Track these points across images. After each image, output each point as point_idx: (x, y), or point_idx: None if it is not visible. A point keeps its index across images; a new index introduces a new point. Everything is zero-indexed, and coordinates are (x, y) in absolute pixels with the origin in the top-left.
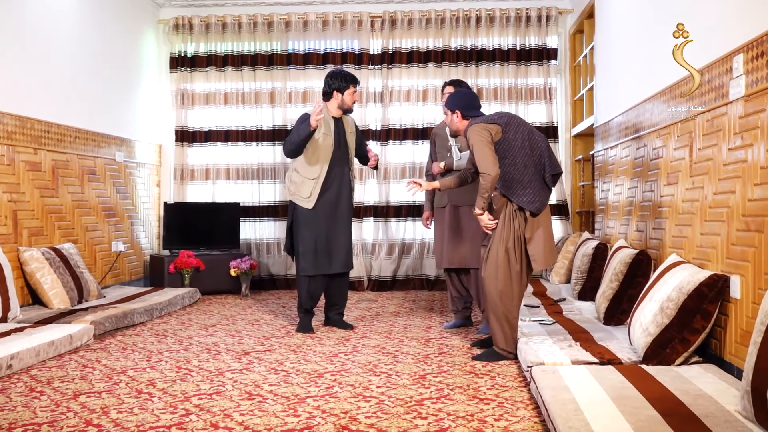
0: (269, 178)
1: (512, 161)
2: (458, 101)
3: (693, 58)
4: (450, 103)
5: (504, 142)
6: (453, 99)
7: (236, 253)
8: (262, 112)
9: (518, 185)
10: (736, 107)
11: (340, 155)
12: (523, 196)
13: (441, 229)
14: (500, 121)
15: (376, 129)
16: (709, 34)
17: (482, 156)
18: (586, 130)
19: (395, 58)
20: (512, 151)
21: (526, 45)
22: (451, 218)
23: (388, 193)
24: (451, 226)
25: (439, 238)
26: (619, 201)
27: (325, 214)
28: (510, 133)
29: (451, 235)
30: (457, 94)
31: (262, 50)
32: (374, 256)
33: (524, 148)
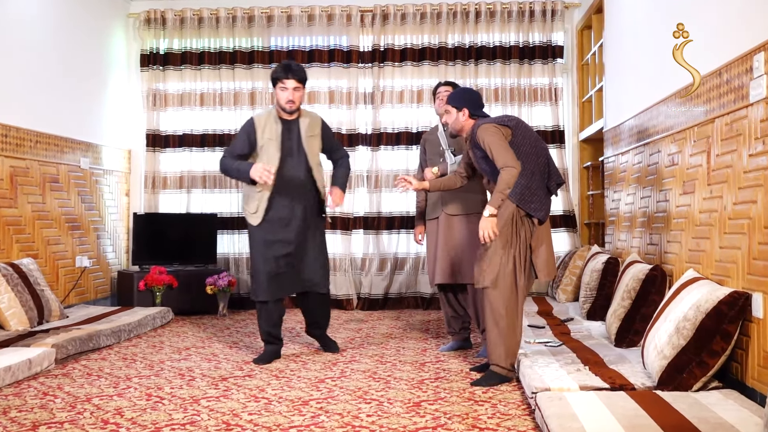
0: None
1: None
2: (467, 98)
3: (709, 56)
4: (457, 100)
5: (513, 146)
6: (461, 96)
7: (213, 269)
8: (242, 114)
9: (527, 191)
10: (757, 110)
11: (294, 164)
12: (531, 203)
13: (434, 242)
14: (510, 123)
15: (366, 133)
16: (727, 30)
17: (503, 151)
18: (594, 134)
19: (387, 56)
20: (521, 156)
21: (529, 42)
22: (445, 229)
23: (379, 203)
24: (444, 237)
25: (432, 252)
26: (631, 212)
27: (275, 231)
28: (518, 137)
29: (445, 247)
30: (465, 92)
31: (242, 47)
32: (364, 272)
33: (531, 154)
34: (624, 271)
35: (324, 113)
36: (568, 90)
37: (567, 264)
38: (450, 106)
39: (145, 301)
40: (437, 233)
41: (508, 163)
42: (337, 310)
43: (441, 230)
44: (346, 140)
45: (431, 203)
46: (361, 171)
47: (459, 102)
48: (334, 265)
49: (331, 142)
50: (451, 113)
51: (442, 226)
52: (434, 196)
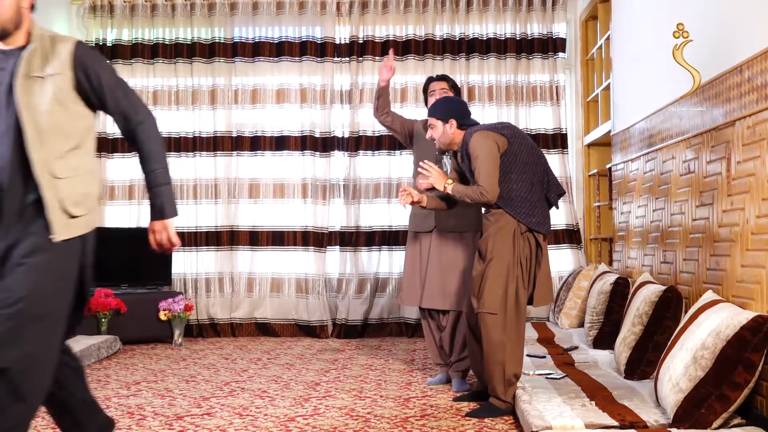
0: (209, 196)
1: (519, 177)
2: (453, 108)
3: (727, 51)
4: (440, 112)
5: (510, 155)
6: (445, 107)
7: (167, 292)
8: (201, 115)
9: (527, 204)
10: None
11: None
12: (533, 217)
13: (418, 260)
14: (506, 131)
15: (342, 136)
16: (750, 21)
17: (490, 170)
18: (601, 138)
19: (367, 49)
20: (518, 166)
21: (527, 33)
22: (438, 247)
23: (357, 216)
24: (437, 256)
25: (414, 270)
26: (642, 225)
27: None
28: (515, 146)
29: (437, 267)
30: (449, 101)
31: (201, 38)
32: (340, 295)
33: (529, 163)
34: (635, 293)
35: (294, 114)
36: (571, 88)
37: (570, 285)
38: (434, 120)
39: (89, 329)
40: (429, 250)
41: (488, 188)
42: (309, 339)
43: (433, 247)
44: (320, 144)
45: (422, 214)
46: (337, 179)
47: (443, 113)
48: (305, 286)
49: (106, 89)
50: (436, 127)
51: (434, 242)
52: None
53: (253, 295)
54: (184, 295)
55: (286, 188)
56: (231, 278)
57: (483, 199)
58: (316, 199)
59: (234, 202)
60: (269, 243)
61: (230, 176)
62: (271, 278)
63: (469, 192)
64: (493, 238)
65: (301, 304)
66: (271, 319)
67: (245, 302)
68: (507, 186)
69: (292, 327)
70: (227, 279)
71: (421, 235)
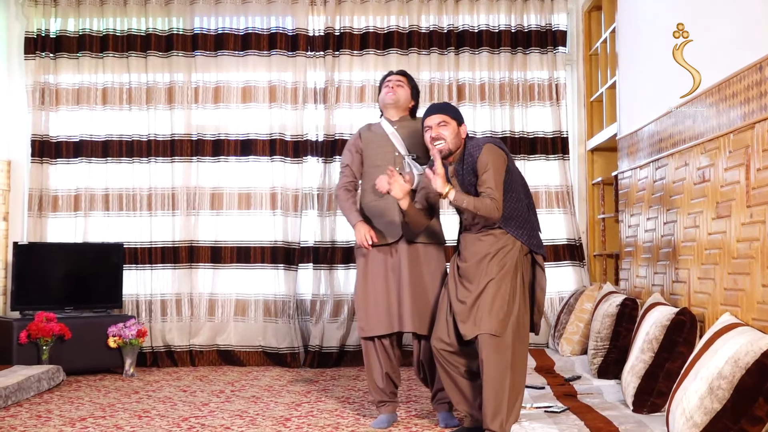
0: (166, 208)
1: (517, 196)
2: (458, 113)
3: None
4: (454, 112)
5: (510, 173)
6: (456, 110)
7: (117, 316)
8: (157, 115)
9: (527, 225)
10: None
11: None
12: (533, 238)
13: (383, 277)
14: (504, 147)
15: (316, 140)
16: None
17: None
18: (606, 142)
19: (344, 43)
20: (515, 185)
21: (524, 25)
22: (410, 260)
23: (333, 229)
24: (410, 270)
25: (381, 290)
26: (652, 240)
27: None
28: (510, 164)
29: (412, 283)
30: (454, 106)
31: (158, 29)
32: (314, 319)
33: (521, 182)
34: (644, 316)
35: (262, 115)
36: (573, 87)
37: (572, 307)
38: (448, 118)
39: (28, 358)
40: (399, 264)
41: (499, 204)
42: (279, 368)
43: (404, 261)
44: (291, 149)
45: (384, 222)
46: (310, 188)
47: (457, 115)
48: (274, 308)
49: None
50: (450, 126)
51: (404, 255)
52: (389, 213)
53: (214, 318)
54: (137, 319)
55: (253, 198)
56: (190, 300)
57: (493, 214)
58: (287, 210)
59: (194, 214)
60: (233, 260)
61: (189, 185)
62: (236, 300)
63: (480, 204)
64: (493, 261)
65: (269, 329)
66: (235, 346)
67: (206, 327)
68: (509, 206)
69: (259, 355)
70: (186, 301)
71: (384, 248)
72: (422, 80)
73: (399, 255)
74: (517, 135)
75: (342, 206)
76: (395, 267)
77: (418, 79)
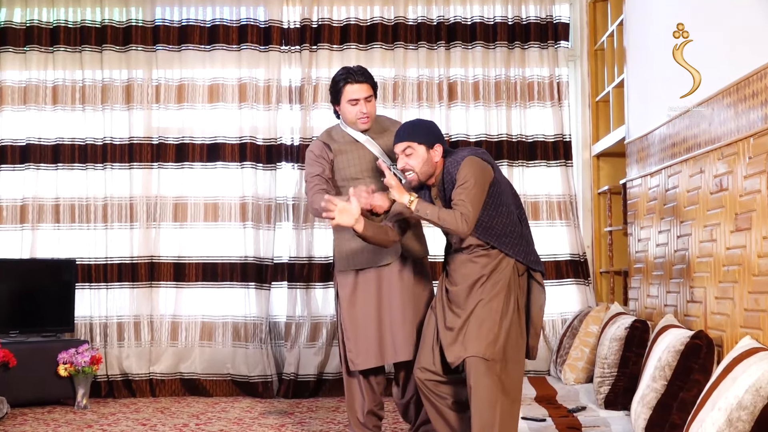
0: (123, 220)
1: (507, 210)
2: (435, 131)
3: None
4: (423, 134)
5: (496, 186)
6: (427, 128)
7: (69, 340)
8: (113, 116)
9: (521, 240)
10: None
11: None
12: (530, 255)
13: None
14: (490, 160)
15: (292, 144)
16: None
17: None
18: (613, 147)
19: (322, 36)
20: (504, 197)
21: (522, 17)
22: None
23: (310, 243)
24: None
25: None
26: (664, 256)
27: None
28: (497, 175)
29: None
30: (426, 124)
31: (114, 21)
32: (289, 344)
33: (510, 194)
34: (655, 340)
35: (232, 116)
36: (576, 85)
37: (576, 330)
38: (414, 144)
39: None
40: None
41: (469, 218)
42: (249, 399)
43: (394, 282)
44: (263, 154)
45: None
46: (284, 198)
47: (427, 136)
48: (244, 332)
49: None
50: (416, 154)
51: (395, 276)
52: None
53: (177, 343)
54: (91, 344)
55: (221, 209)
56: (150, 323)
57: (459, 228)
58: (259, 222)
59: (154, 227)
60: (199, 278)
61: (150, 194)
62: (201, 322)
63: (444, 214)
64: (486, 283)
65: (238, 355)
66: (200, 375)
67: (168, 353)
68: (500, 221)
69: (227, 384)
70: (145, 323)
71: (370, 272)
72: (409, 78)
73: (390, 276)
74: (514, 139)
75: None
76: (387, 290)
77: (404, 77)
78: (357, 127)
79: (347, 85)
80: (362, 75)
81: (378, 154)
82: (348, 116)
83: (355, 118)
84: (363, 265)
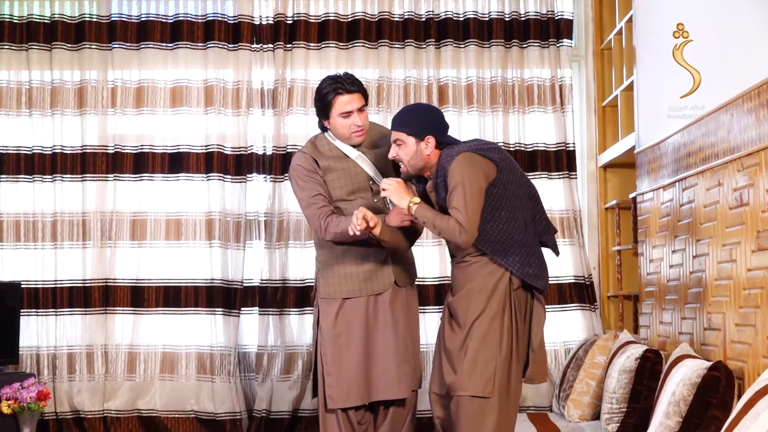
0: (75, 238)
1: (510, 215)
2: (430, 120)
3: None
4: (413, 124)
5: (498, 186)
6: (419, 117)
7: (12, 373)
8: (64, 122)
9: (520, 249)
10: None
11: None
12: (529, 267)
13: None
14: (494, 155)
15: (263, 153)
16: None
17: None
18: (622, 157)
19: (298, 33)
20: (509, 200)
21: (520, 12)
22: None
23: (284, 264)
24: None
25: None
26: (679, 278)
27: None
28: (505, 173)
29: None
30: (423, 109)
31: (66, 16)
32: (260, 377)
33: (521, 195)
34: (669, 372)
35: (197, 122)
36: (581, 88)
37: (581, 361)
38: (403, 135)
39: None
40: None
41: (468, 226)
42: None
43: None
44: (232, 165)
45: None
46: (255, 213)
47: (418, 126)
48: (210, 363)
49: None
50: (406, 145)
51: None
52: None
53: (135, 377)
54: (37, 377)
55: (184, 226)
56: (104, 353)
57: (456, 239)
58: (227, 241)
59: (110, 246)
60: (159, 303)
61: (105, 209)
62: (162, 353)
63: (443, 223)
64: (476, 296)
65: (204, 390)
66: (161, 411)
67: (125, 387)
68: (495, 226)
69: (191, 422)
70: (99, 354)
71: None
72: (395, 80)
73: (382, 307)
74: (512, 147)
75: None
76: (377, 322)
77: (389, 78)
78: (351, 142)
79: (338, 96)
80: (353, 83)
81: (371, 173)
82: (340, 131)
83: (348, 132)
84: (352, 293)
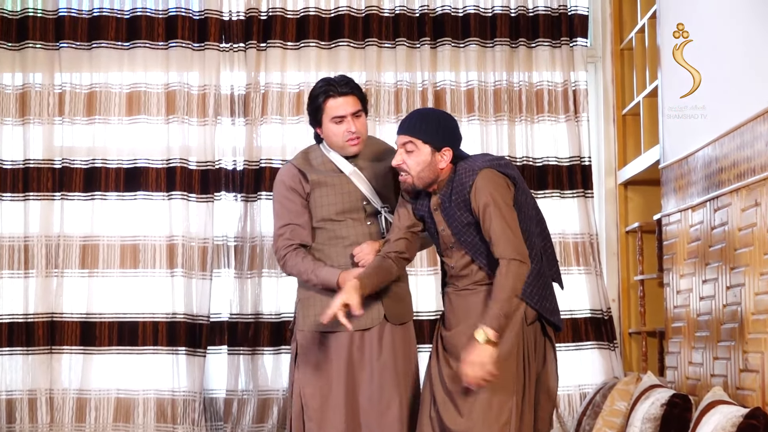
0: (15, 266)
1: (528, 241)
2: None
3: None
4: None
5: (517, 205)
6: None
7: None
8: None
9: (538, 280)
10: None
11: None
12: (546, 300)
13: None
14: (512, 173)
15: (234, 168)
16: None
17: (514, 229)
18: (645, 172)
19: (273, 30)
20: (525, 224)
21: (528, 8)
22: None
23: (257, 296)
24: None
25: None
26: (710, 312)
27: None
28: (520, 194)
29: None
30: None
31: (6, 11)
32: (229, 426)
33: (534, 219)
34: (700, 420)
35: (157, 133)
36: (598, 94)
37: (599, 407)
38: (417, 141)
39: None
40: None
41: (519, 253)
42: None
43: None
44: (197, 182)
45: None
46: (224, 238)
47: (436, 135)
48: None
49: None
50: (419, 153)
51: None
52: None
53: (85, 426)
54: None
55: (142, 252)
56: (49, 399)
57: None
58: (191, 269)
59: (56, 275)
60: (113, 341)
61: (50, 233)
62: (116, 398)
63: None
64: None
65: None
66: None
67: None
68: None
69: None
70: (43, 400)
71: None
72: (385, 84)
73: (369, 344)
74: (519, 162)
75: (298, 270)
76: (363, 361)
77: (378, 82)
78: (346, 151)
79: (329, 99)
80: (347, 85)
81: (366, 192)
82: (333, 139)
83: (342, 140)
84: (334, 327)
